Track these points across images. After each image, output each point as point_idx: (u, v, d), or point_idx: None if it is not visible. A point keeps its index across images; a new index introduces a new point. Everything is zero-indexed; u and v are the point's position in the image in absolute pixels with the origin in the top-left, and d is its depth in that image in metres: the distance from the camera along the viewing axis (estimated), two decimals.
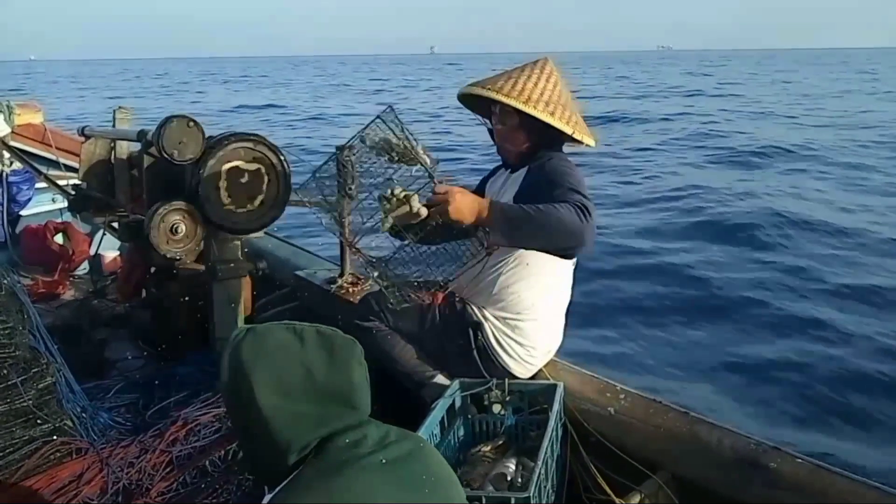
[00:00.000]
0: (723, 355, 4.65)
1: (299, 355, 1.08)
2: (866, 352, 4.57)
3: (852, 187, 10.21)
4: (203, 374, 2.71)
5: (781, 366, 4.44)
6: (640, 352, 4.81)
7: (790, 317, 5.20)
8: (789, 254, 6.81)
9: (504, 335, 2.06)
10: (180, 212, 2.78)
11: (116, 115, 3.54)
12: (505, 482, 1.74)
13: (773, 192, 9.50)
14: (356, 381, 1.11)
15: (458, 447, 2.02)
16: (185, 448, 2.09)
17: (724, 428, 1.84)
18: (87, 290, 4.30)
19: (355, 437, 1.08)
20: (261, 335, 1.11)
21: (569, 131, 1.98)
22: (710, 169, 12.01)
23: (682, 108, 23.25)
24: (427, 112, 23.03)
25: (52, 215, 5.09)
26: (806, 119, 19.49)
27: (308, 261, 3.73)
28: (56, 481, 1.93)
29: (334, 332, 1.14)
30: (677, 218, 8.38)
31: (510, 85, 1.97)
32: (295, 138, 16.17)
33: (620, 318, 5.35)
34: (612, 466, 1.89)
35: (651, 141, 15.48)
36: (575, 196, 1.78)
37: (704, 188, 9.78)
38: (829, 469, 1.63)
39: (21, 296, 2.43)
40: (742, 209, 8.43)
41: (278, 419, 1.05)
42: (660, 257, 6.76)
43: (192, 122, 2.69)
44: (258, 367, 1.07)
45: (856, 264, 6.39)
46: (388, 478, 1.05)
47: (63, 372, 2.26)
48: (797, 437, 3.49)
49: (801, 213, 8.04)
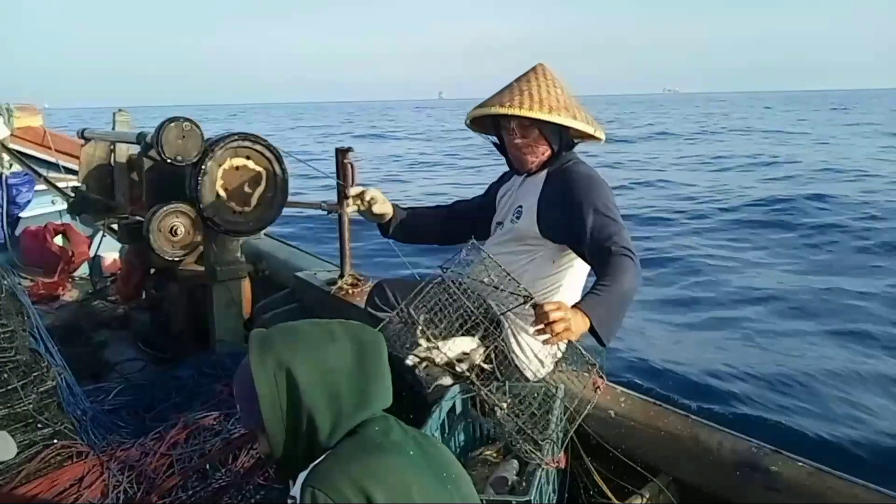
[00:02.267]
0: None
1: (332, 346, 1.12)
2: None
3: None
4: (202, 375, 2.70)
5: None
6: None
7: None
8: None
9: (524, 332, 2.03)
10: (180, 213, 2.78)
11: (116, 117, 3.54)
12: (506, 486, 1.74)
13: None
14: (384, 372, 1.15)
15: (458, 450, 2.02)
16: (186, 451, 2.08)
17: (724, 431, 1.84)
18: (86, 291, 4.30)
19: (383, 426, 1.12)
20: (290, 330, 1.14)
21: (590, 131, 2.01)
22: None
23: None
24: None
25: (51, 217, 5.09)
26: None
27: (308, 262, 3.73)
28: (57, 485, 1.92)
29: (360, 325, 1.18)
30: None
31: (523, 97, 1.97)
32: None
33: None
34: (613, 469, 1.89)
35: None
36: (622, 237, 1.85)
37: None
38: (829, 472, 1.63)
39: (21, 297, 2.43)
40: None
41: (320, 404, 1.08)
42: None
43: (190, 123, 2.69)
44: (298, 358, 1.09)
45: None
46: (418, 469, 1.08)
47: (64, 375, 2.26)
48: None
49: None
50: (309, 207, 3.22)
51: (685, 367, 4.48)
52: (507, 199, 2.22)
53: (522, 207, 2.10)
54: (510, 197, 2.20)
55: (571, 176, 2.02)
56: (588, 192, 1.96)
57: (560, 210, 2.00)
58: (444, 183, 14.63)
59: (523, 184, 2.16)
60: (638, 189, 12.71)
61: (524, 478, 1.75)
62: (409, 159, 20.66)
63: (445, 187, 13.45)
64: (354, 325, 1.17)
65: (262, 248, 3.97)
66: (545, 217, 2.04)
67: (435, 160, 20.41)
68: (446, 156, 21.56)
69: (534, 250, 2.05)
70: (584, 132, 2.04)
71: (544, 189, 2.07)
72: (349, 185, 3.01)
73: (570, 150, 2.10)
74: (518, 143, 2.07)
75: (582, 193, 1.96)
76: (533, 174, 2.12)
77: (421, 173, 17.12)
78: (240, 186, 2.85)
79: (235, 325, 3.04)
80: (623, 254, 1.81)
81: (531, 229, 2.05)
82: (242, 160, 2.84)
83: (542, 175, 2.10)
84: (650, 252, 7.31)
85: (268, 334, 1.14)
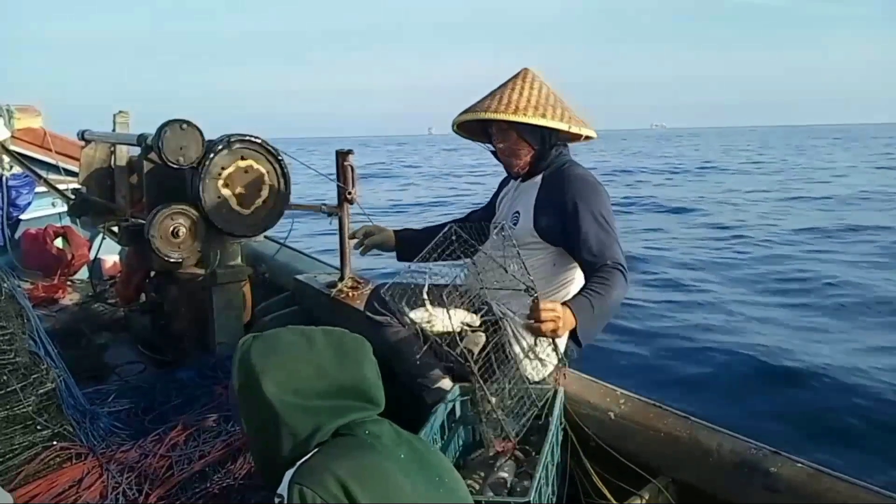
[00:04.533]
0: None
1: (309, 354, 1.11)
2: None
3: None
4: (203, 378, 2.70)
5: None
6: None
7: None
8: None
9: (523, 334, 2.03)
10: (181, 215, 2.78)
11: (116, 119, 3.55)
12: (505, 487, 1.74)
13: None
14: (368, 376, 1.14)
15: (458, 452, 2.02)
16: (186, 453, 2.08)
17: (723, 432, 1.84)
18: (86, 294, 4.31)
19: (374, 429, 1.12)
20: (270, 338, 1.14)
21: (564, 127, 2.00)
22: None
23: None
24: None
25: (51, 219, 5.10)
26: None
27: (308, 265, 3.73)
28: (56, 486, 1.92)
29: (342, 332, 1.18)
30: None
31: (496, 102, 2.00)
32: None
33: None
34: (612, 471, 1.89)
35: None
36: (614, 252, 1.91)
37: None
38: (828, 473, 1.63)
39: (21, 300, 2.43)
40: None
41: (294, 414, 1.08)
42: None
43: (191, 125, 2.70)
44: (269, 367, 1.09)
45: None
46: (409, 473, 1.08)
47: (63, 377, 2.26)
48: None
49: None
50: (310, 210, 3.22)
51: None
52: (506, 203, 2.23)
53: (519, 212, 2.11)
54: (508, 200, 2.21)
55: (565, 178, 2.03)
56: (582, 196, 1.97)
57: (555, 213, 2.01)
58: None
59: (519, 188, 2.17)
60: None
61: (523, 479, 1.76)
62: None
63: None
64: (336, 332, 1.17)
65: (263, 251, 3.97)
66: (541, 221, 2.05)
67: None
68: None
69: (533, 254, 2.05)
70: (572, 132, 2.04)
71: (540, 193, 2.08)
72: (349, 187, 3.02)
73: (560, 152, 2.09)
74: (501, 147, 2.11)
75: (576, 197, 1.97)
76: (528, 178, 2.13)
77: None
78: (241, 188, 2.85)
79: (235, 327, 3.04)
80: (615, 268, 1.89)
81: (529, 233, 2.06)
82: (244, 162, 2.85)
83: (537, 179, 2.10)
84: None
85: (248, 343, 1.14)
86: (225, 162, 2.80)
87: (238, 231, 2.91)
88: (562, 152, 2.10)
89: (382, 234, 2.46)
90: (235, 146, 2.82)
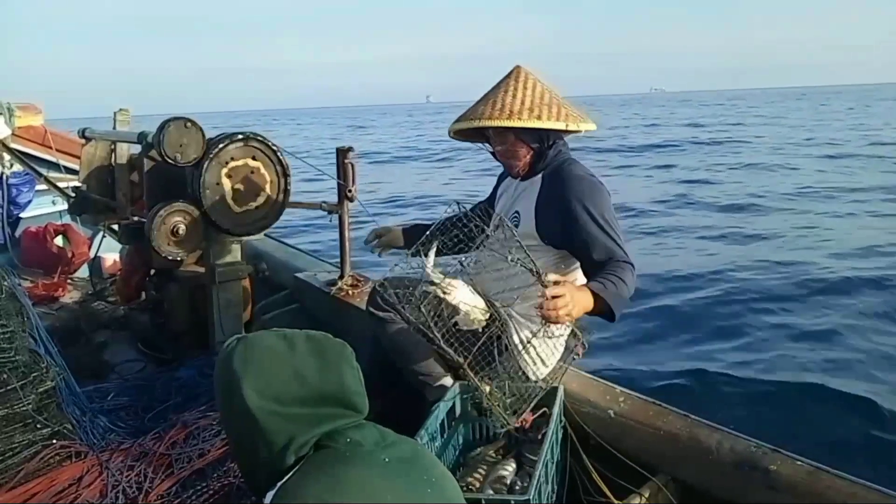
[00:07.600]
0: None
1: (289, 360, 1.10)
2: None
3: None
4: (203, 376, 2.70)
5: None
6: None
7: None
8: None
9: (527, 330, 2.02)
10: (181, 213, 2.78)
11: (116, 117, 3.54)
12: (505, 485, 1.74)
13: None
14: (348, 383, 1.12)
15: (458, 449, 2.02)
16: (185, 451, 2.08)
17: (723, 430, 1.84)
18: (86, 292, 4.31)
19: (354, 436, 1.10)
20: (250, 343, 1.12)
21: (561, 126, 1.99)
22: None
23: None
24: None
25: (52, 217, 5.09)
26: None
27: (308, 263, 3.73)
28: (55, 484, 1.92)
29: (325, 337, 1.16)
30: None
31: (491, 107, 1.99)
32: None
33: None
34: (612, 469, 1.89)
35: None
36: (618, 254, 1.92)
37: None
38: (828, 471, 1.63)
39: (21, 298, 2.43)
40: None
41: (272, 422, 1.06)
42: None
43: (191, 123, 2.70)
44: (248, 373, 1.08)
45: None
46: (392, 476, 1.06)
47: (63, 375, 2.26)
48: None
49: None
50: (309, 208, 3.22)
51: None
52: (506, 201, 2.21)
53: (519, 213, 2.09)
54: (508, 199, 2.19)
55: (564, 178, 2.01)
56: (582, 197, 1.96)
57: (555, 217, 2.00)
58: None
59: (518, 187, 2.15)
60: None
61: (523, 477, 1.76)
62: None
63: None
64: (318, 337, 1.15)
65: (263, 249, 3.97)
66: (543, 222, 2.04)
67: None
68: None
69: (535, 256, 2.04)
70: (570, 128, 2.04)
71: (540, 193, 2.06)
72: (350, 184, 3.02)
73: (559, 150, 2.09)
74: (499, 150, 2.11)
75: (577, 200, 1.96)
76: (528, 178, 2.12)
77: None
78: (241, 186, 2.85)
79: (235, 325, 3.04)
80: (623, 261, 1.91)
81: (531, 235, 2.04)
82: (244, 160, 2.84)
83: (537, 179, 2.09)
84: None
85: (230, 346, 1.13)
86: (226, 159, 2.80)
87: (238, 229, 2.91)
88: (560, 150, 2.09)
89: (391, 234, 2.49)
90: (237, 144, 2.81)
